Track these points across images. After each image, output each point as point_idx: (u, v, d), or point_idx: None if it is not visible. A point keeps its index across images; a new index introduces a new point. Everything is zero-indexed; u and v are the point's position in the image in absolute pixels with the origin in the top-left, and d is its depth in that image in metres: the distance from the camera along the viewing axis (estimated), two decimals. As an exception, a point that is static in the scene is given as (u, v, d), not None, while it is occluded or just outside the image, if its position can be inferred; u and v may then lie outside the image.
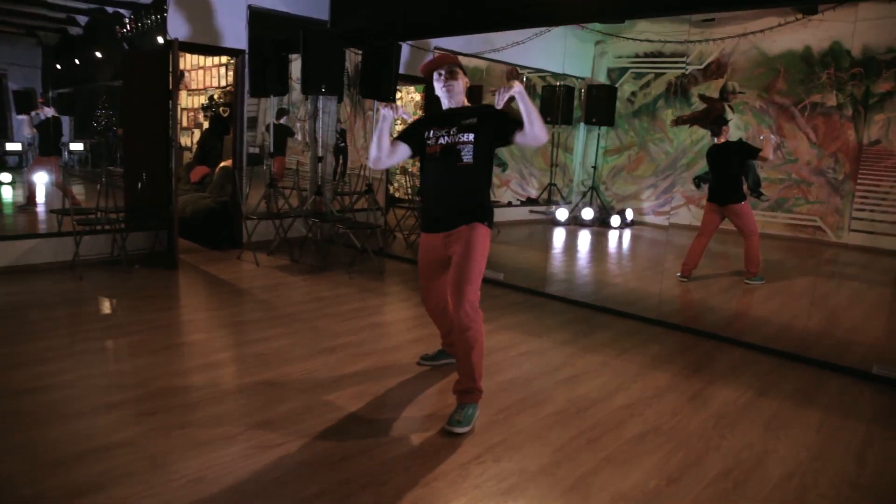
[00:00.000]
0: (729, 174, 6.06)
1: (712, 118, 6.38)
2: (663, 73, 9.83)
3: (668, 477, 2.63)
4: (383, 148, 3.01)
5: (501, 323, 4.68)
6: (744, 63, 9.01)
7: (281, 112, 9.17)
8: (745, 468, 2.74)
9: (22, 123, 8.99)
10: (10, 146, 9.41)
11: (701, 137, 9.38)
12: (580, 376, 3.71)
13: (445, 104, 3.13)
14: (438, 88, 3.10)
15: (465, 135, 2.99)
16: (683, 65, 9.66)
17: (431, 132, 3.08)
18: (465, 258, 2.98)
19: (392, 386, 3.44)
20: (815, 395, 3.65)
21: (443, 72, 3.07)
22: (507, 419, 3.10)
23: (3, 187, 8.51)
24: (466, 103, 3.14)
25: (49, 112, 7.63)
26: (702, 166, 9.30)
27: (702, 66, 9.41)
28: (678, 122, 9.73)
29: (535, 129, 2.82)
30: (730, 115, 9.05)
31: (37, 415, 2.91)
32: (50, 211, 6.49)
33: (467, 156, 2.99)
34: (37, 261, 5.66)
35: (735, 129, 8.99)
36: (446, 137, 3.02)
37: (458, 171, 3.01)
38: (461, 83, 3.09)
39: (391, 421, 3.03)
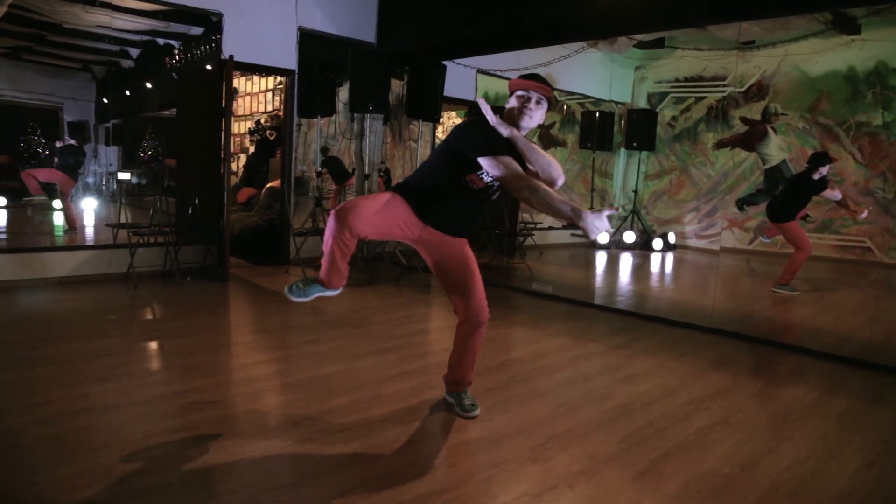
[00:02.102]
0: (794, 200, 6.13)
1: (813, 157, 6.41)
2: (704, 97, 9.81)
3: (741, 464, 2.56)
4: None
5: (552, 329, 4.65)
6: (785, 84, 8.96)
7: (324, 150, 9.35)
8: (821, 457, 2.65)
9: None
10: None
11: (743, 160, 9.32)
12: (640, 376, 3.65)
13: (505, 130, 2.59)
14: (518, 107, 2.63)
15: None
16: (723, 88, 9.65)
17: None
18: (476, 268, 2.85)
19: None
20: (885, 394, 3.53)
21: (539, 98, 2.63)
22: (570, 412, 3.06)
23: (55, 213, 8.75)
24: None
25: (69, 140, 8.00)
26: (744, 188, 9.23)
27: (743, 89, 9.39)
28: (719, 145, 9.67)
29: (546, 169, 2.61)
30: (772, 136, 8.99)
31: (115, 399, 2.96)
32: (107, 224, 6.67)
33: (496, 193, 2.76)
34: (92, 272, 5.81)
35: (778, 151, 8.93)
36: (489, 176, 2.61)
37: (486, 203, 2.78)
38: (541, 116, 2.69)
39: (452, 410, 3.01)
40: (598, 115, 10.00)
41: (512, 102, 2.67)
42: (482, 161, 2.51)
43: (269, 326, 4.53)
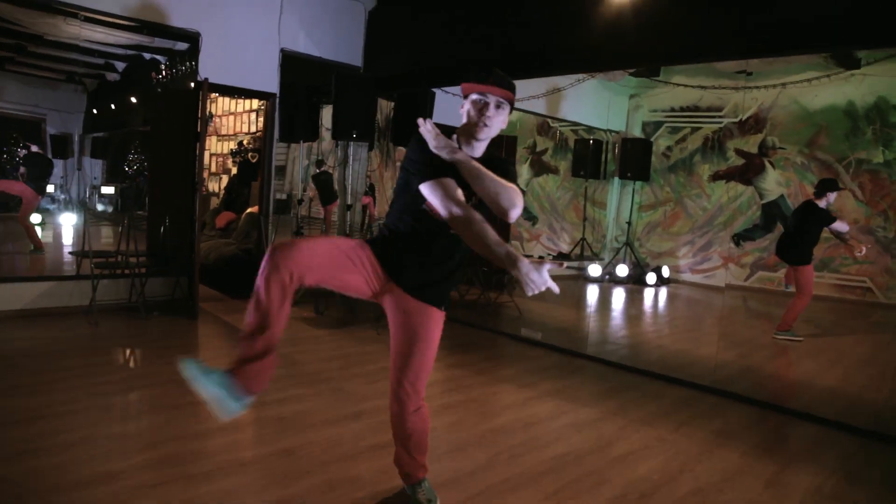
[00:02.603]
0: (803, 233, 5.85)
1: (821, 182, 6.14)
2: (700, 128, 9.55)
3: (759, 587, 2.21)
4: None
5: (543, 389, 4.29)
6: (784, 117, 8.71)
7: (320, 162, 9.03)
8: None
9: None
10: (48, 189, 9.39)
11: (739, 194, 9.04)
12: (637, 453, 3.30)
13: (466, 148, 2.27)
14: (472, 116, 2.23)
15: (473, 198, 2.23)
16: (720, 119, 9.39)
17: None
18: (427, 347, 2.38)
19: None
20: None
21: (498, 101, 2.22)
22: (560, 504, 2.70)
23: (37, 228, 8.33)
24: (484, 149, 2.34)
25: (34, 148, 7.53)
26: (741, 223, 8.95)
27: (738, 120, 9.14)
28: (715, 177, 9.40)
29: (494, 198, 2.16)
30: (770, 170, 8.73)
31: (27, 484, 2.57)
32: (70, 253, 6.28)
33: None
34: (51, 304, 5.41)
35: (776, 186, 8.67)
36: None
37: (451, 237, 2.27)
38: (500, 123, 2.28)
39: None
40: (591, 142, 9.74)
41: (467, 108, 2.26)
42: (421, 188, 2.17)
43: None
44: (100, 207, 10.35)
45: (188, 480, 2.68)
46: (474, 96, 2.23)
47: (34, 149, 7.58)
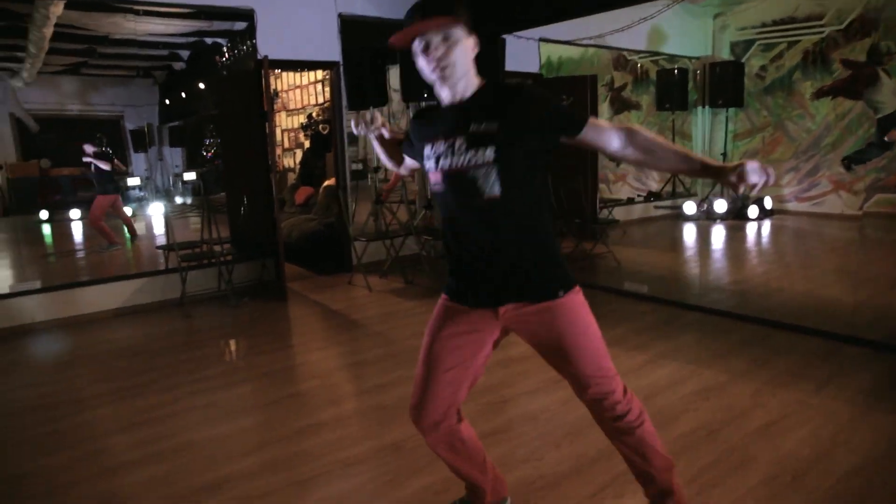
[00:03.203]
0: None
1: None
2: (797, 41, 8.62)
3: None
4: (399, 164, 2.17)
5: (657, 350, 3.94)
6: (899, 17, 7.72)
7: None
8: None
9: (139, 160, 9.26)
10: (130, 181, 9.68)
11: (848, 110, 8.14)
12: (778, 423, 2.93)
13: (444, 97, 1.82)
14: (426, 69, 1.77)
15: (480, 151, 1.73)
16: (820, 28, 8.43)
17: (430, 147, 1.83)
18: (582, 344, 1.87)
19: (543, 446, 2.80)
20: None
21: (429, 41, 1.72)
22: (704, 492, 2.39)
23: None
24: (477, 85, 1.82)
25: (100, 164, 7.52)
26: (850, 145, 8.08)
27: (842, 27, 8.17)
28: (819, 94, 8.49)
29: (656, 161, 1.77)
30: (884, 79, 7.80)
31: (137, 497, 2.50)
32: (157, 247, 6.34)
33: (490, 186, 1.74)
34: (145, 300, 5.46)
35: (893, 97, 7.76)
36: (449, 157, 1.77)
37: (485, 211, 1.77)
38: (464, 52, 1.75)
39: (552, 500, 2.39)
40: (675, 72, 9.03)
41: (421, 63, 1.77)
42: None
43: (333, 364, 4.02)
44: (179, 200, 10.61)
45: (297, 487, 2.54)
46: (414, 46, 1.75)
47: (101, 165, 7.60)
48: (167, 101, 10.47)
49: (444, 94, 1.81)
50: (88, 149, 7.43)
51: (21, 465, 2.83)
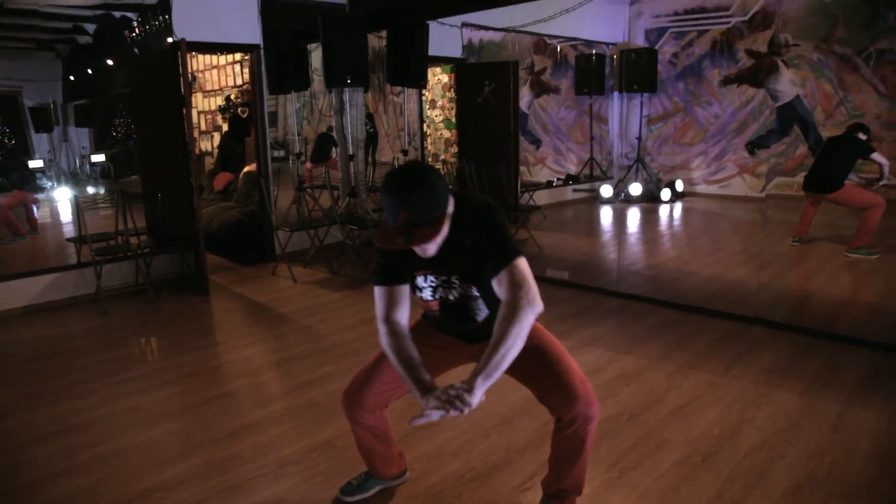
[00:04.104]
0: (835, 163, 5.58)
1: (850, 128, 5.81)
2: (707, 30, 9.01)
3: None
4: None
5: (581, 337, 4.11)
6: (796, 12, 8.18)
7: (330, 129, 8.75)
8: None
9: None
10: (32, 164, 9.09)
11: (751, 98, 8.59)
12: (691, 405, 3.13)
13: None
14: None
15: (469, 287, 1.97)
16: (727, 19, 8.83)
17: (422, 278, 2.00)
18: (557, 351, 2.06)
19: (474, 438, 2.89)
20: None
21: (423, 229, 1.75)
22: (623, 476, 2.54)
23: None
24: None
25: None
26: (754, 131, 8.55)
27: (746, 18, 8.60)
28: (726, 81, 8.94)
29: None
30: (783, 70, 8.26)
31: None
32: (67, 239, 6.03)
33: (481, 310, 2.03)
34: (57, 297, 5.22)
35: (790, 86, 8.23)
36: (444, 290, 2.00)
37: (473, 321, 2.08)
38: (438, 235, 1.79)
39: (482, 492, 2.49)
40: (593, 57, 9.28)
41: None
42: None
43: (260, 361, 3.98)
44: (88, 185, 10.04)
45: (230, 492, 2.53)
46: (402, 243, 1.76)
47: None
48: (71, 78, 9.86)
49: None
50: None
51: (-70, 483, 2.69)
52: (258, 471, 2.67)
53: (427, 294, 2.01)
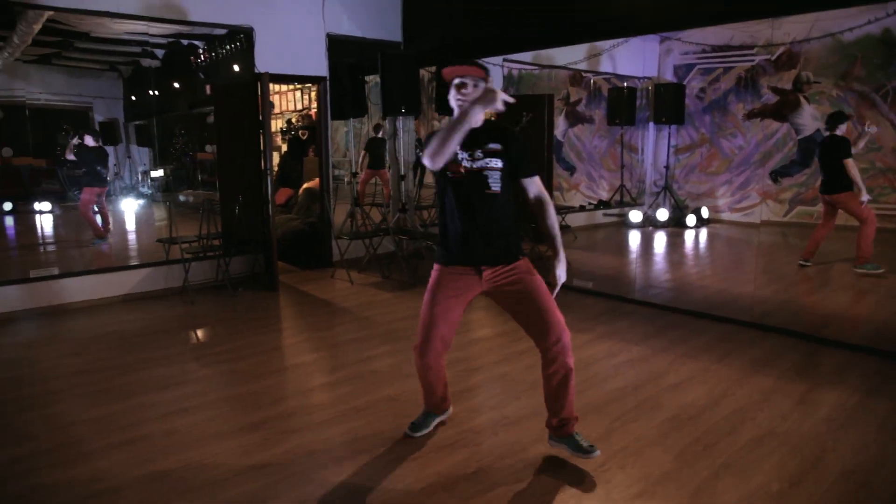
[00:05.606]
0: (831, 166, 6.28)
1: (829, 118, 6.53)
2: (732, 67, 9.70)
3: (789, 479, 2.73)
4: (448, 149, 2.56)
5: (598, 332, 4.82)
6: (818, 52, 8.81)
7: (378, 127, 9.46)
8: (866, 469, 2.81)
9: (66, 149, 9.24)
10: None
11: (774, 131, 9.23)
12: (685, 383, 3.82)
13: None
14: (453, 100, 2.71)
15: (493, 160, 2.74)
16: (752, 57, 9.49)
17: (461, 152, 2.74)
18: (542, 292, 2.83)
19: (506, 398, 3.62)
20: (927, 393, 3.65)
21: (468, 82, 2.67)
22: (623, 426, 3.24)
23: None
24: (483, 119, 2.76)
25: (90, 141, 7.66)
26: (778, 160, 9.17)
27: (772, 57, 9.25)
28: (750, 115, 9.59)
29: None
30: (805, 105, 8.88)
31: (172, 438, 3.22)
32: (158, 240, 6.94)
33: (495, 184, 2.75)
34: (150, 288, 6.11)
35: (812, 121, 8.83)
36: (470, 161, 2.73)
37: (487, 199, 2.75)
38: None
39: (513, 433, 3.21)
40: (625, 90, 9.99)
41: (452, 94, 2.72)
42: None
43: (326, 342, 4.77)
44: (148, 191, 10.83)
45: (318, 428, 3.30)
46: (456, 80, 2.70)
47: (88, 140, 7.73)
48: (133, 98, 10.81)
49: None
50: (90, 141, 7.69)
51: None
52: (336, 413, 3.45)
53: (462, 156, 2.72)
